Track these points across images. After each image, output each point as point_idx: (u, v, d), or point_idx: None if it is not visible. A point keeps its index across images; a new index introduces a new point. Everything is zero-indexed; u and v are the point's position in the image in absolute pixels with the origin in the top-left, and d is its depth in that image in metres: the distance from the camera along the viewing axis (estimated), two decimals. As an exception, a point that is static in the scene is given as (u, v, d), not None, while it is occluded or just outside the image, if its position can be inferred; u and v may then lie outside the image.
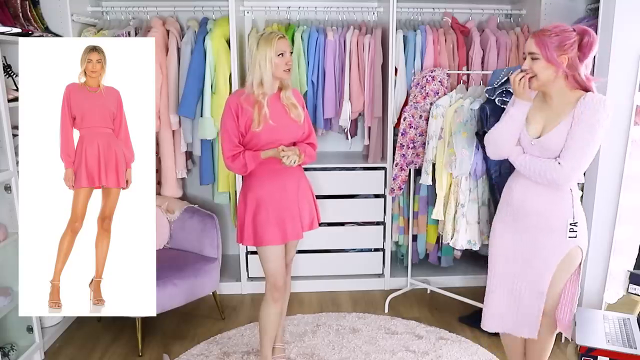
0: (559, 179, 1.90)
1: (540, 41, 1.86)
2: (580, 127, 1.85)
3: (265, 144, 2.20)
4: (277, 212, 2.25)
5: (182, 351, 2.75)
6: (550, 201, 1.98)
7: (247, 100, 2.19)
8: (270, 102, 2.20)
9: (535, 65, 1.88)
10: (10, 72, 2.63)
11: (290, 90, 2.28)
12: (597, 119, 1.83)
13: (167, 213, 3.16)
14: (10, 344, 2.51)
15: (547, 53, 1.84)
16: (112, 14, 3.38)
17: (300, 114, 2.26)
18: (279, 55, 2.15)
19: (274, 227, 2.24)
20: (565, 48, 1.84)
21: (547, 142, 1.92)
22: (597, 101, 1.84)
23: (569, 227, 1.96)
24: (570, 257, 2.01)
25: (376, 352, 2.73)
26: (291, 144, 2.28)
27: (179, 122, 3.24)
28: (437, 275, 3.53)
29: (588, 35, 1.85)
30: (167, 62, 3.15)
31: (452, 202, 2.84)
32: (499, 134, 2.03)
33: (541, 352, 2.21)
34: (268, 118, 2.17)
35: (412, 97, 3.06)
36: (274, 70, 2.16)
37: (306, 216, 2.35)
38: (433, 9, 3.46)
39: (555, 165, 1.89)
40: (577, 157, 1.86)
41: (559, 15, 3.15)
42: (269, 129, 2.18)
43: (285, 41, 2.19)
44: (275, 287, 2.32)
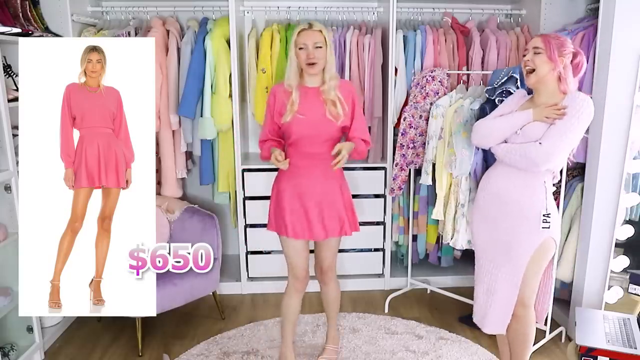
0: (537, 157, 2.01)
1: (546, 40, 2.04)
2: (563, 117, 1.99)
3: (298, 137, 2.20)
4: (293, 208, 2.26)
5: (182, 351, 2.75)
6: (525, 192, 2.08)
7: (285, 90, 2.22)
8: (308, 96, 2.20)
9: (537, 59, 2.04)
10: (10, 72, 2.62)
11: (332, 84, 2.19)
12: (581, 113, 1.98)
13: (167, 213, 3.15)
14: (10, 344, 2.51)
15: (550, 50, 2.01)
16: (112, 14, 3.38)
17: (337, 113, 2.18)
18: (300, 49, 2.15)
19: (289, 221, 2.26)
20: (564, 53, 2.02)
21: (530, 131, 2.05)
22: (582, 98, 2.00)
23: (542, 218, 2.06)
24: (544, 248, 2.10)
25: (376, 352, 2.73)
26: (330, 141, 2.22)
27: (179, 122, 3.24)
28: (437, 275, 3.53)
29: (580, 56, 2.05)
30: (167, 62, 3.15)
31: (452, 202, 2.84)
32: (496, 129, 2.15)
33: (524, 347, 2.24)
34: (297, 111, 2.18)
35: (412, 97, 3.06)
36: (299, 62, 2.18)
37: (329, 221, 2.28)
38: (433, 9, 3.46)
39: (535, 144, 2.02)
40: (556, 139, 1.99)
41: (559, 15, 3.15)
42: (297, 122, 2.18)
43: (308, 33, 2.14)
44: (296, 278, 2.36)
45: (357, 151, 2.23)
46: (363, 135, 2.27)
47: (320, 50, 2.15)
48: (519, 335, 2.21)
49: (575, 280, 2.79)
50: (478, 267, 2.27)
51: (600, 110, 2.53)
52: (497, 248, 2.16)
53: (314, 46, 2.13)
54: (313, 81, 2.22)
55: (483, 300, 2.23)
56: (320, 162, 2.22)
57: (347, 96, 2.24)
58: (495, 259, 2.17)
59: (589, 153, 2.67)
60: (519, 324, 2.18)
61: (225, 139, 3.30)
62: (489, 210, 2.18)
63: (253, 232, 3.35)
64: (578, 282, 2.76)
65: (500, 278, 2.15)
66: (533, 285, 2.14)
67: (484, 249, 2.23)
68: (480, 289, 2.25)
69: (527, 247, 2.09)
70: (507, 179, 2.12)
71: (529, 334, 2.22)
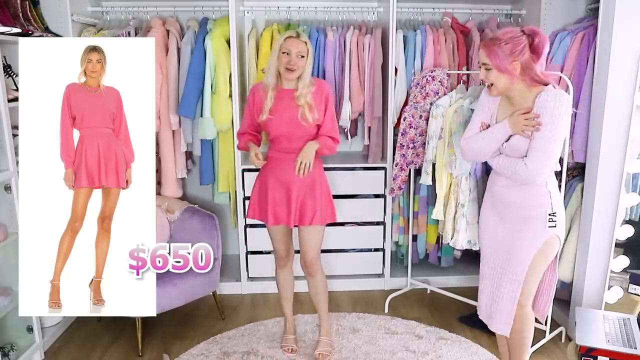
0: (527, 178, 1.97)
1: (491, 51, 1.93)
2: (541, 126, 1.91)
3: (275, 135, 2.39)
4: (274, 196, 2.43)
5: (182, 351, 2.75)
6: (528, 195, 2.05)
7: (264, 89, 2.39)
8: (283, 98, 2.36)
9: (489, 75, 1.96)
10: (10, 72, 2.62)
11: (304, 92, 2.33)
12: (556, 114, 1.89)
13: (167, 213, 3.16)
14: (10, 344, 2.50)
15: (497, 62, 1.92)
16: (112, 14, 3.38)
17: (308, 117, 2.34)
18: (283, 53, 2.29)
19: (270, 208, 2.44)
20: (516, 54, 1.90)
21: (514, 144, 2.00)
22: (553, 97, 1.90)
23: (548, 217, 2.03)
24: (549, 245, 2.07)
25: (376, 352, 2.73)
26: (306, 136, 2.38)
27: (179, 122, 3.24)
28: (437, 275, 3.52)
29: (538, 36, 1.90)
30: (167, 62, 3.15)
31: (452, 202, 2.84)
32: (482, 148, 2.11)
33: (521, 346, 2.23)
34: (272, 110, 2.34)
35: (412, 97, 3.06)
36: (279, 65, 2.31)
37: (306, 209, 2.43)
38: (433, 9, 3.46)
39: (522, 164, 1.97)
40: (540, 157, 1.93)
41: (559, 15, 3.15)
42: (271, 121, 2.36)
43: (294, 41, 2.29)
44: (278, 257, 2.64)
45: (326, 147, 2.41)
46: (331, 133, 2.43)
47: (302, 59, 2.30)
48: (516, 333, 2.20)
49: (575, 280, 2.79)
50: (483, 262, 2.25)
51: (600, 110, 2.53)
52: (501, 246, 2.15)
53: (297, 55, 2.28)
54: (290, 84, 2.37)
55: (488, 297, 2.22)
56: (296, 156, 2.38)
57: (320, 97, 2.39)
58: (499, 256, 2.16)
59: (589, 153, 2.67)
60: (516, 322, 2.17)
61: (225, 139, 3.30)
62: (494, 209, 2.17)
63: (253, 232, 3.35)
64: (578, 282, 2.76)
65: (504, 275, 2.13)
66: (533, 284, 2.13)
67: (489, 245, 2.22)
68: (485, 284, 2.23)
69: (531, 246, 2.07)
70: (510, 183, 2.08)
71: (526, 332, 2.20)
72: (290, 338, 2.76)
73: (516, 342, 2.23)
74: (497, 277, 2.17)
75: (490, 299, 2.21)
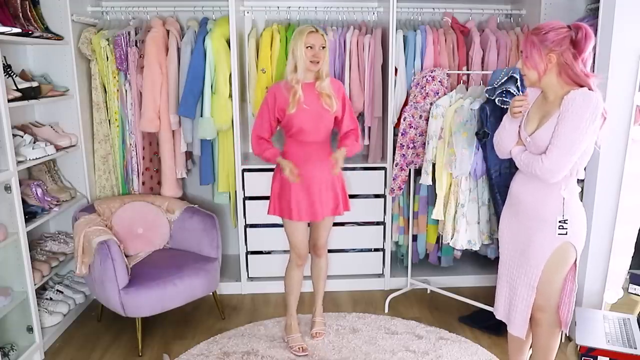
0: (542, 175, 1.92)
1: (527, 39, 1.91)
2: (563, 124, 1.85)
3: (299, 128, 2.49)
4: (298, 193, 2.52)
5: (182, 351, 2.75)
6: (542, 197, 2.00)
7: (285, 87, 2.50)
8: (305, 90, 2.47)
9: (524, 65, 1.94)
10: (10, 72, 2.61)
11: (325, 81, 2.49)
12: (581, 115, 1.80)
13: (167, 213, 3.16)
14: (10, 344, 2.50)
15: (527, 53, 1.90)
16: (112, 14, 3.38)
17: (332, 104, 2.49)
18: (307, 48, 2.41)
19: (295, 205, 2.53)
20: (554, 45, 1.84)
21: (537, 139, 1.95)
22: (581, 97, 1.81)
23: (558, 224, 1.97)
24: (561, 253, 2.00)
25: (376, 352, 2.73)
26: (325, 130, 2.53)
27: (179, 122, 3.24)
28: (437, 275, 3.52)
29: (581, 31, 1.82)
30: (167, 62, 3.15)
31: (452, 202, 2.84)
32: (498, 141, 2.14)
33: (546, 353, 2.19)
34: (302, 102, 2.45)
35: (412, 97, 3.06)
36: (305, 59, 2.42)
37: (327, 201, 2.60)
38: (433, 9, 3.46)
39: (538, 160, 1.92)
40: (556, 155, 1.86)
41: (559, 15, 3.14)
42: (302, 111, 2.46)
43: (315, 35, 2.42)
44: (299, 256, 2.70)
45: (351, 152, 2.55)
46: (354, 125, 2.62)
47: (323, 50, 2.45)
48: (539, 339, 2.16)
49: (575, 280, 2.79)
50: (501, 263, 2.22)
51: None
52: (516, 246, 2.12)
53: (320, 47, 2.43)
54: (308, 77, 2.49)
55: (506, 299, 2.19)
56: (317, 149, 2.54)
57: (337, 92, 2.56)
58: (515, 257, 2.13)
59: (589, 153, 2.67)
60: (538, 327, 2.13)
61: (225, 139, 3.30)
62: (511, 207, 2.15)
63: (253, 232, 3.35)
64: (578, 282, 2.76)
65: (519, 277, 2.11)
66: (550, 290, 2.06)
67: (506, 245, 2.18)
68: (502, 285, 2.20)
69: (543, 250, 2.02)
70: (525, 183, 2.06)
71: (550, 340, 2.15)
72: (298, 337, 2.78)
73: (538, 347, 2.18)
74: (513, 280, 2.14)
75: (507, 302, 2.18)
